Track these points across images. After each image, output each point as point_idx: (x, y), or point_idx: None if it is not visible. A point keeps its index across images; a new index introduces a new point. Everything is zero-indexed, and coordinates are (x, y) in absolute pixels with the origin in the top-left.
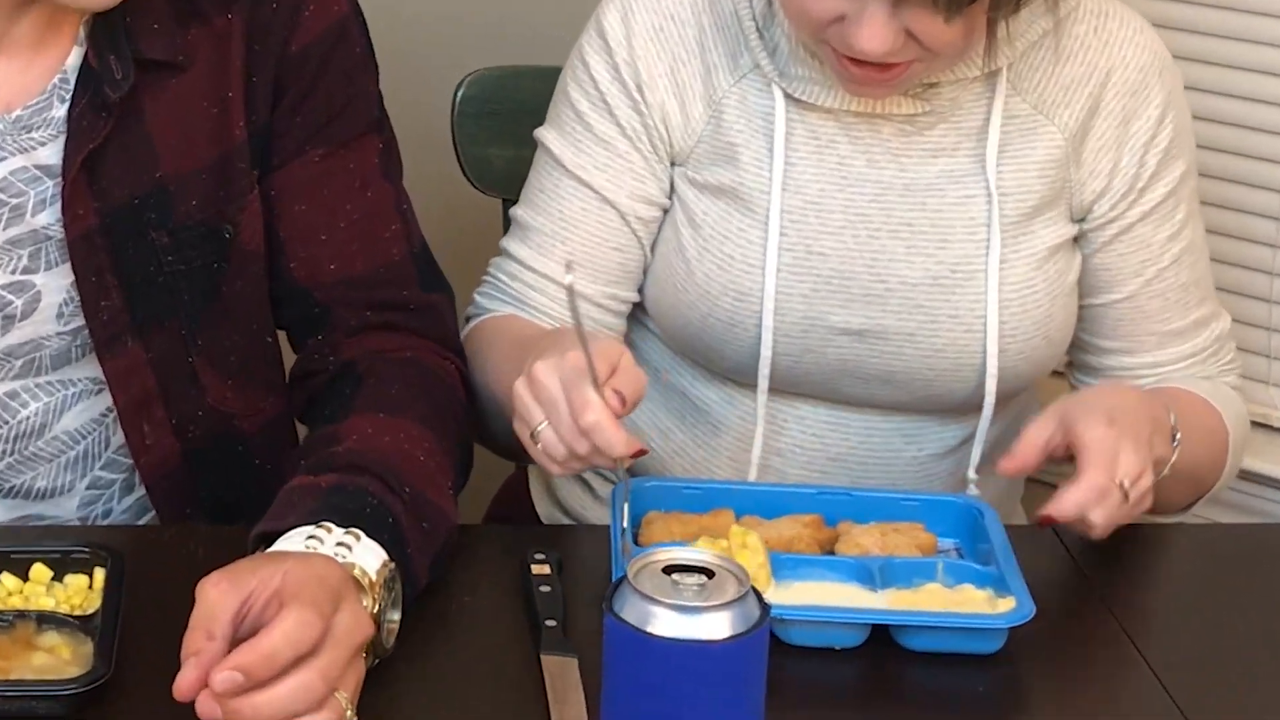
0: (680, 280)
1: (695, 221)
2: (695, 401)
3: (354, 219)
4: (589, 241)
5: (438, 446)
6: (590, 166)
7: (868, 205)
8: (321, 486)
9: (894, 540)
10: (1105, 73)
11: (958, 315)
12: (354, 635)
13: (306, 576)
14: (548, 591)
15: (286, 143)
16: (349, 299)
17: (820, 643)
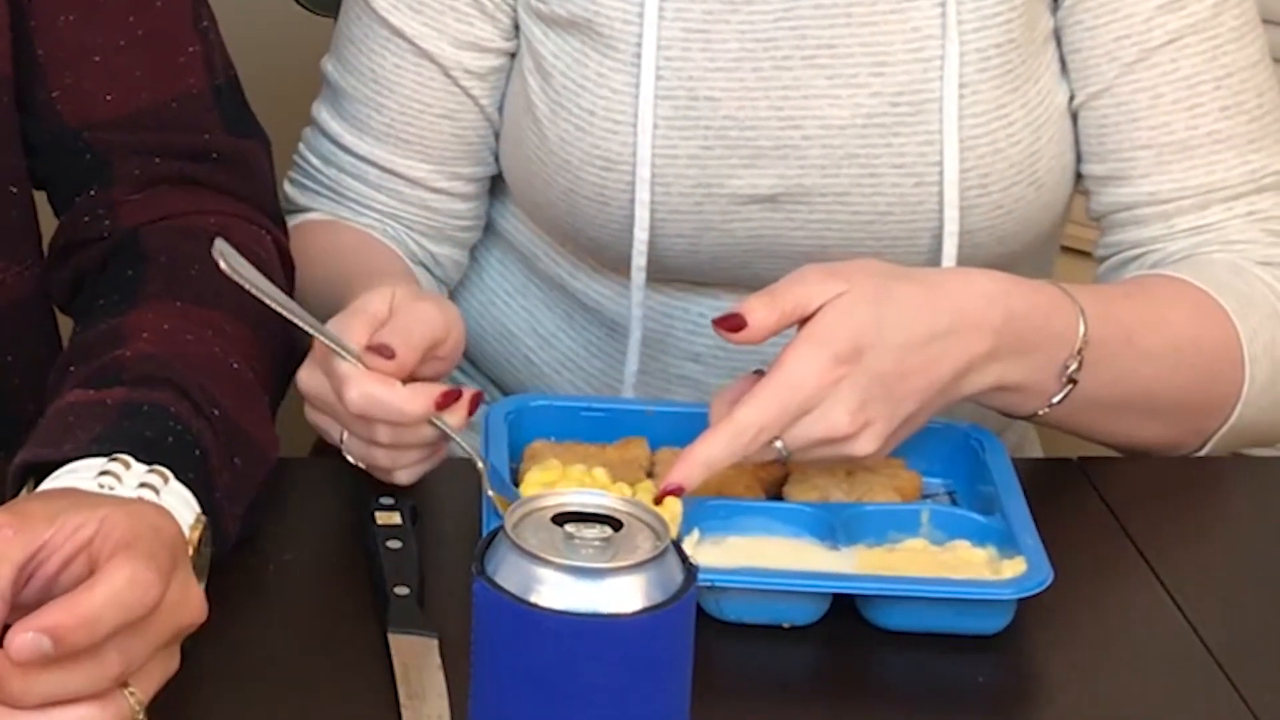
0: (532, 148)
1: (544, 69)
2: (580, 297)
3: (137, 34)
4: (411, 109)
5: (254, 348)
6: (405, 8)
7: (772, 26)
8: (107, 404)
9: (864, 481)
10: None
11: (904, 163)
12: (181, 614)
13: (136, 526)
14: (398, 549)
15: None
16: (131, 143)
17: (765, 619)
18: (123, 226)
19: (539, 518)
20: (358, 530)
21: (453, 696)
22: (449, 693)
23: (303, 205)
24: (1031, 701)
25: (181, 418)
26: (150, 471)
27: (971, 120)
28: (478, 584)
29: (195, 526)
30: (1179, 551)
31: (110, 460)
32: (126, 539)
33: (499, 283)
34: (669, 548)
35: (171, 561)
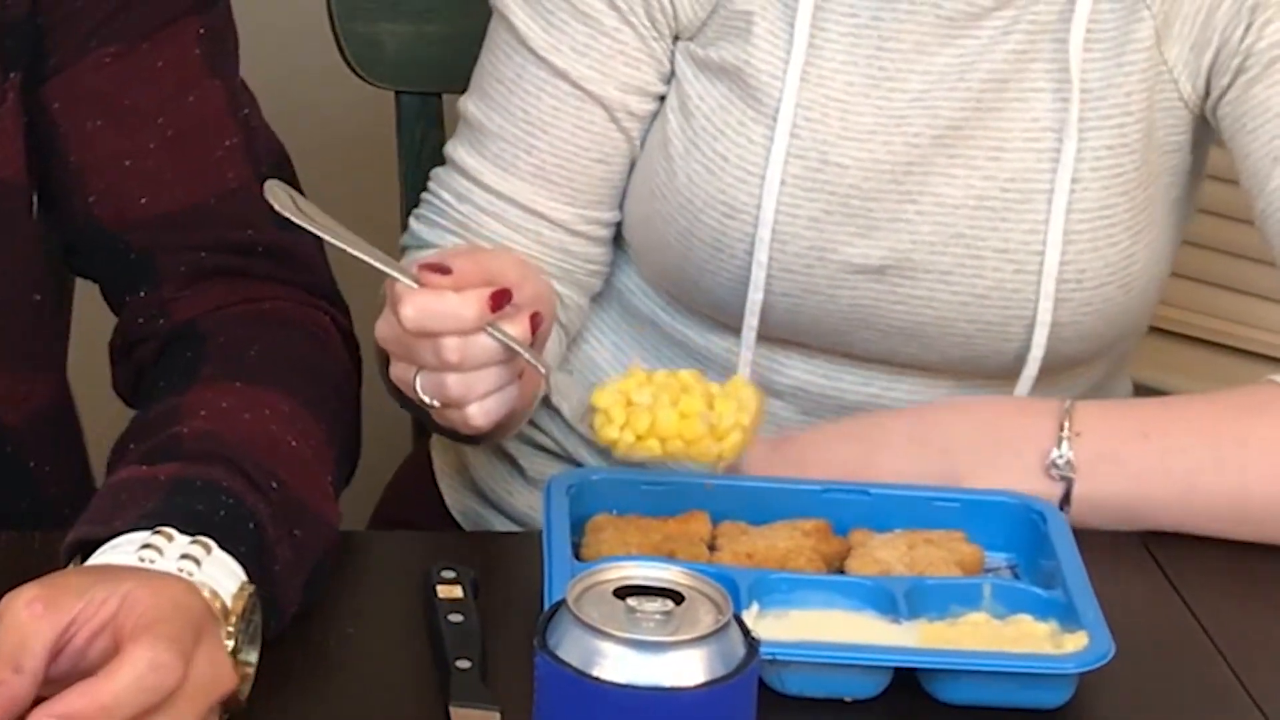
0: (660, 184)
1: (688, 107)
2: (671, 334)
3: (169, 136)
4: (565, 151)
5: (314, 426)
6: (568, 49)
7: (908, 105)
8: (159, 480)
9: (925, 555)
10: None
11: (1007, 248)
12: (212, 688)
13: (159, 603)
14: (460, 622)
15: (64, 41)
16: (173, 242)
17: (826, 692)
18: (176, 319)
19: (601, 591)
20: (420, 603)
21: None
22: None
23: (429, 241)
24: None
25: (234, 492)
26: (193, 543)
27: (1077, 215)
28: (540, 657)
29: (239, 595)
30: (1244, 629)
31: (153, 534)
32: (149, 619)
33: (591, 318)
34: (731, 621)
35: (195, 639)
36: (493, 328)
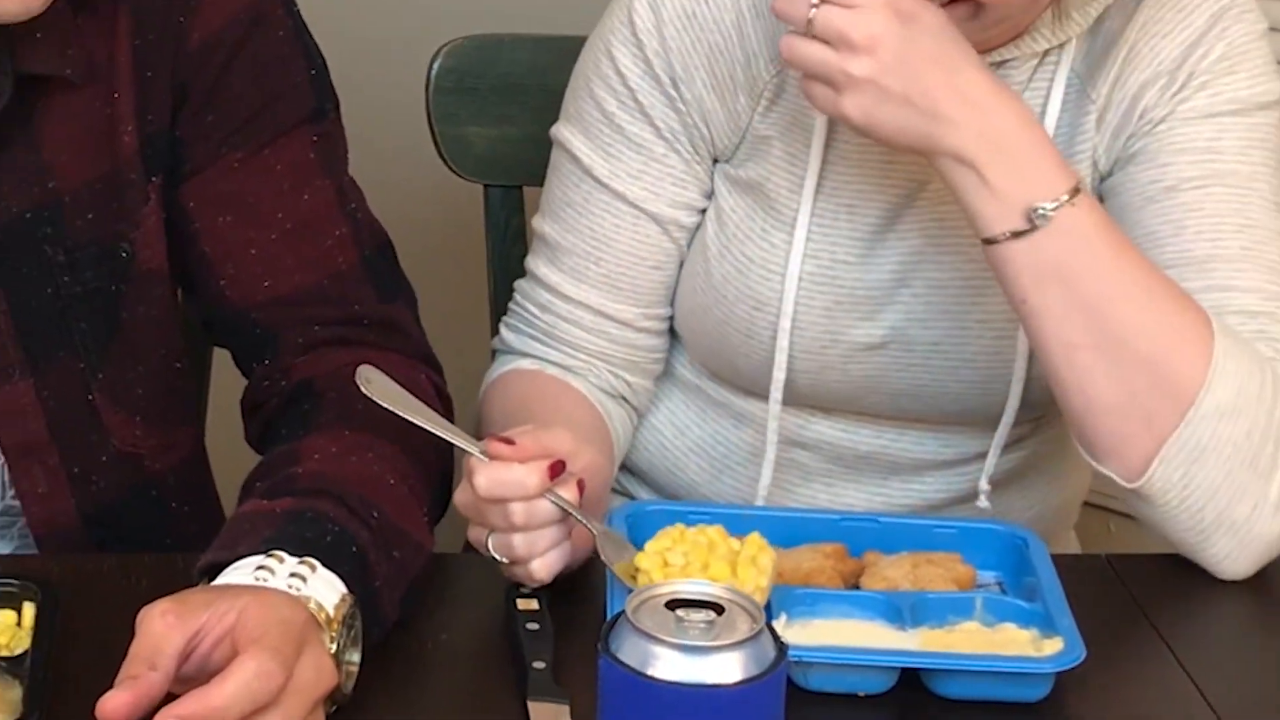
0: (699, 280)
1: (723, 218)
2: (713, 395)
3: (287, 228)
4: (626, 260)
5: (410, 468)
6: (625, 175)
7: (908, 202)
8: (276, 512)
9: (927, 573)
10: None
11: (987, 319)
12: (316, 687)
13: (267, 618)
14: (536, 630)
15: (198, 149)
16: (293, 318)
17: (843, 688)
18: (295, 380)
19: (654, 604)
20: (502, 614)
21: None
22: None
23: (517, 349)
24: None
25: (339, 521)
26: (300, 563)
27: None
28: (603, 659)
29: (340, 606)
30: (1196, 636)
31: (267, 556)
32: (258, 632)
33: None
34: (764, 629)
35: (297, 648)
36: (551, 493)
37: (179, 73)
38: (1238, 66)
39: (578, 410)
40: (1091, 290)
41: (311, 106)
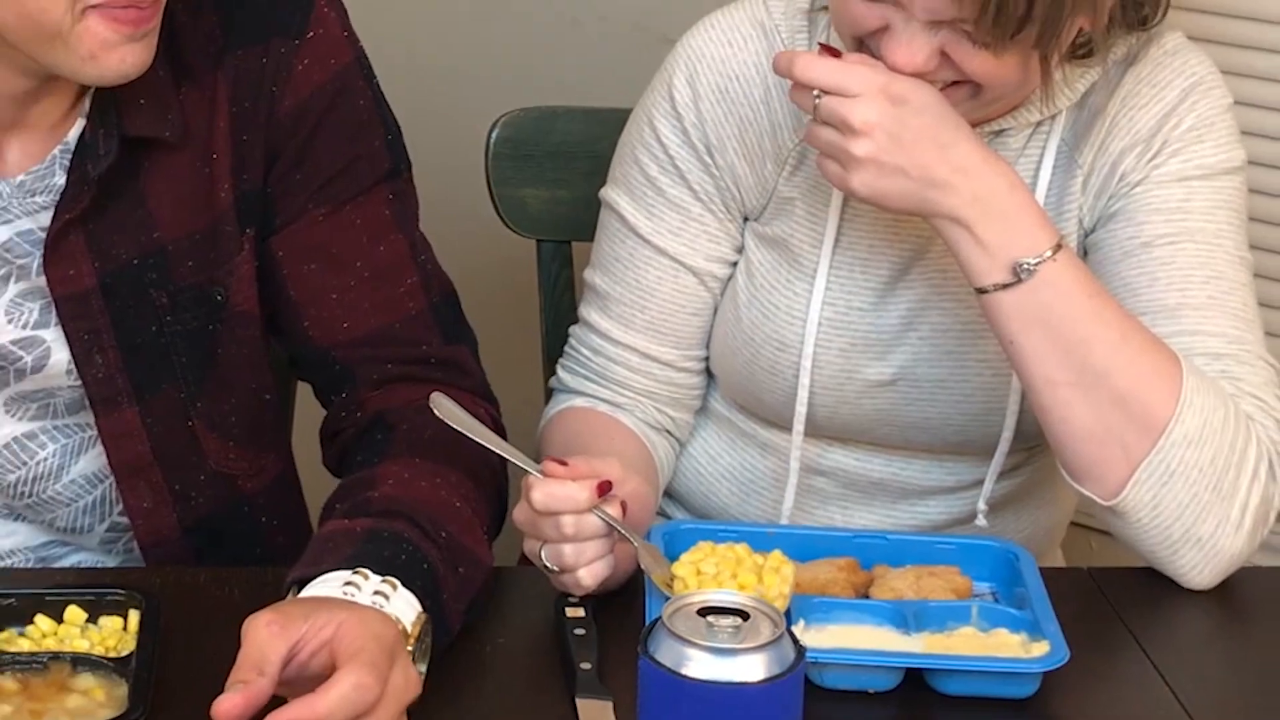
0: (730, 325)
1: (751, 270)
2: (743, 428)
3: (365, 276)
4: (667, 308)
5: (473, 492)
6: (665, 232)
7: (915, 258)
8: (356, 531)
9: (929, 584)
10: (1123, 97)
11: (986, 359)
12: (404, 696)
13: (363, 634)
14: (582, 634)
15: (287, 204)
16: (367, 356)
17: (854, 686)
18: (369, 412)
19: (687, 611)
20: (552, 621)
21: None
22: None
23: (572, 387)
24: None
25: (413, 541)
26: (383, 582)
27: None
28: (642, 660)
29: (416, 623)
30: (1166, 638)
31: (353, 573)
32: (356, 646)
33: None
34: (784, 633)
35: (389, 661)
36: (599, 509)
37: (271, 137)
38: (1205, 136)
39: (627, 443)
40: (1071, 333)
41: (387, 168)
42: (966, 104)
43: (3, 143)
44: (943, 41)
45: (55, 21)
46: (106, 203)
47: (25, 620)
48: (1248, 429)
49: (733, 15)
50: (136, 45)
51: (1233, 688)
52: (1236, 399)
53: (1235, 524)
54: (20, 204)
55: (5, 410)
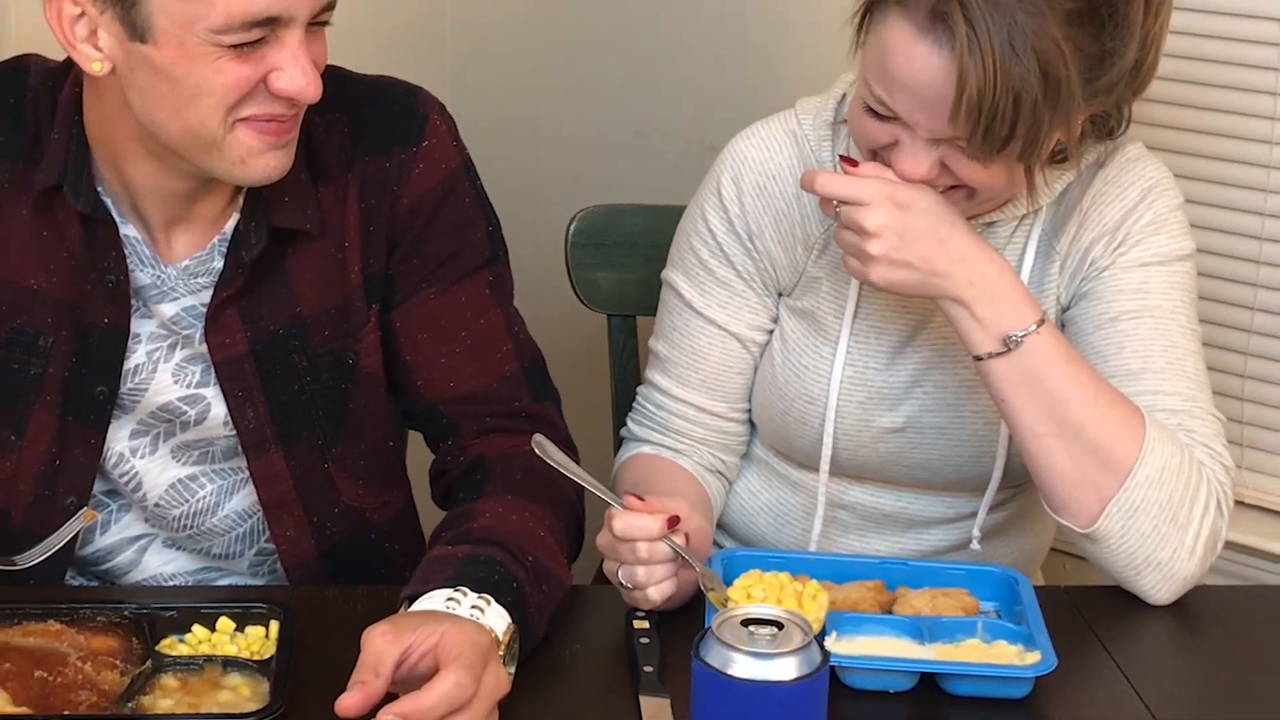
0: (767, 382)
1: (785, 336)
2: (776, 468)
3: (468, 344)
4: (716, 369)
5: (555, 524)
6: (715, 306)
7: (920, 327)
8: (458, 556)
9: (942, 603)
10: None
11: (980, 411)
12: (496, 692)
13: (462, 641)
14: (646, 643)
15: (404, 284)
16: (469, 411)
17: (878, 687)
18: (470, 457)
19: (732, 622)
20: (621, 631)
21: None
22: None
23: (640, 437)
24: None
25: (504, 564)
26: (479, 598)
27: None
28: (695, 663)
29: (506, 632)
30: (1133, 648)
31: (455, 590)
32: (455, 652)
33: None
34: (812, 640)
35: (483, 664)
36: (667, 538)
37: (392, 229)
38: (1161, 229)
39: (688, 484)
40: (1052, 393)
41: (487, 255)
42: (963, 204)
43: (170, 234)
44: (942, 154)
45: (211, 132)
46: (257, 283)
47: (184, 629)
48: (1199, 472)
49: (770, 125)
50: (279, 152)
51: (1186, 687)
52: (1191, 447)
53: (1189, 550)
54: (185, 284)
55: (171, 456)
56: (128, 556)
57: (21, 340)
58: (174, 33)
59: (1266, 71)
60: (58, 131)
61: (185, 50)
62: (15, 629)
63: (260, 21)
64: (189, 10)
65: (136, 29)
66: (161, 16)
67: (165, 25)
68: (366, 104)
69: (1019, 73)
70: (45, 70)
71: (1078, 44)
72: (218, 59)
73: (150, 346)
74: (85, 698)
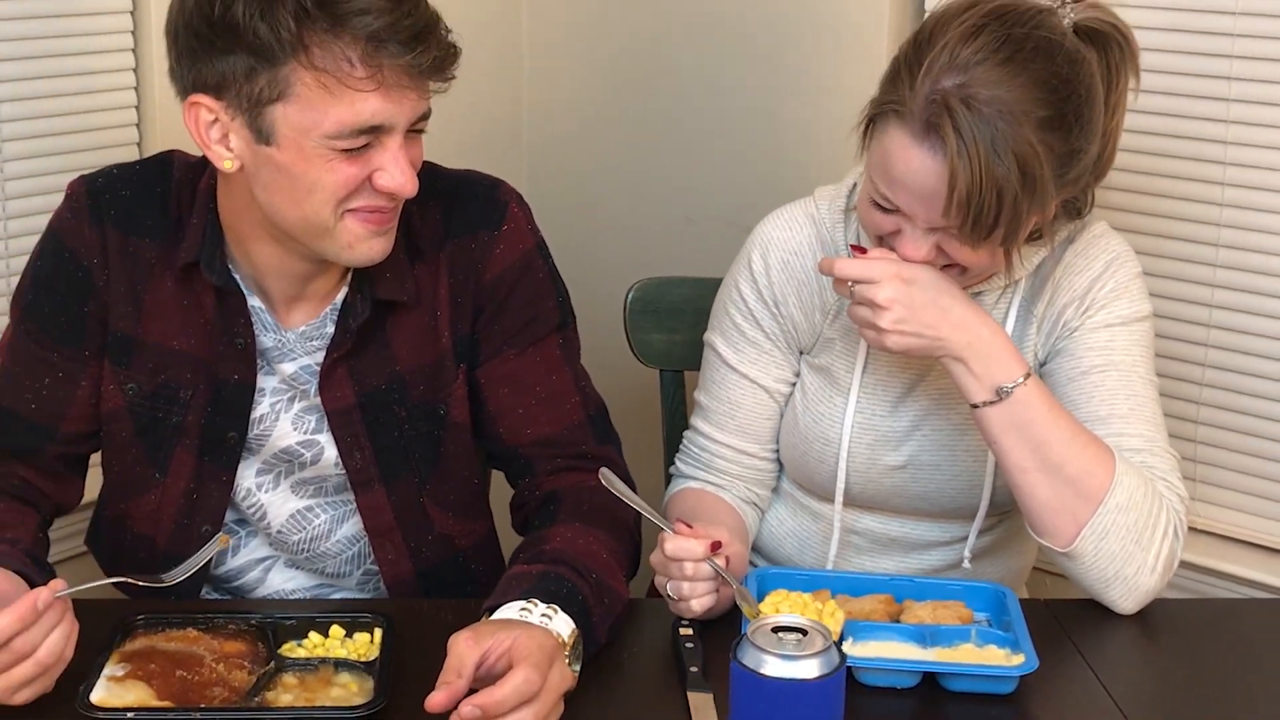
0: (790, 427)
1: (805, 388)
2: (799, 500)
3: (542, 397)
4: (749, 416)
5: (615, 547)
6: (747, 363)
7: (918, 380)
8: (533, 573)
9: (943, 614)
10: (1064, 267)
11: (970, 450)
12: (561, 686)
13: (532, 644)
14: (691, 647)
15: (487, 347)
16: (543, 453)
17: (887, 684)
18: (545, 491)
19: (765, 629)
20: (670, 637)
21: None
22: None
23: (686, 474)
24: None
25: (571, 581)
26: (549, 608)
27: None
28: (733, 664)
29: (571, 637)
30: (1100, 650)
31: (527, 602)
32: (526, 652)
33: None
34: (831, 645)
35: (549, 663)
36: (710, 560)
37: (477, 300)
38: (1122, 295)
39: (728, 515)
40: (1036, 435)
41: (558, 321)
42: (958, 279)
43: (291, 308)
44: (938, 240)
45: (324, 221)
46: (363, 345)
47: (302, 636)
48: (1160, 502)
49: (792, 210)
50: (381, 239)
51: (1147, 684)
52: (1152, 480)
53: (1151, 568)
54: (302, 347)
55: (290, 491)
56: (254, 575)
57: (166, 393)
58: (293, 138)
59: (1213, 165)
60: (196, 216)
61: (303, 153)
62: (159, 635)
63: (366, 129)
64: (307, 119)
65: (262, 134)
66: (283, 124)
67: (286, 131)
68: (455, 194)
69: (1001, 173)
70: (186, 164)
71: (1050, 145)
72: (330, 160)
73: (273, 399)
74: (218, 694)
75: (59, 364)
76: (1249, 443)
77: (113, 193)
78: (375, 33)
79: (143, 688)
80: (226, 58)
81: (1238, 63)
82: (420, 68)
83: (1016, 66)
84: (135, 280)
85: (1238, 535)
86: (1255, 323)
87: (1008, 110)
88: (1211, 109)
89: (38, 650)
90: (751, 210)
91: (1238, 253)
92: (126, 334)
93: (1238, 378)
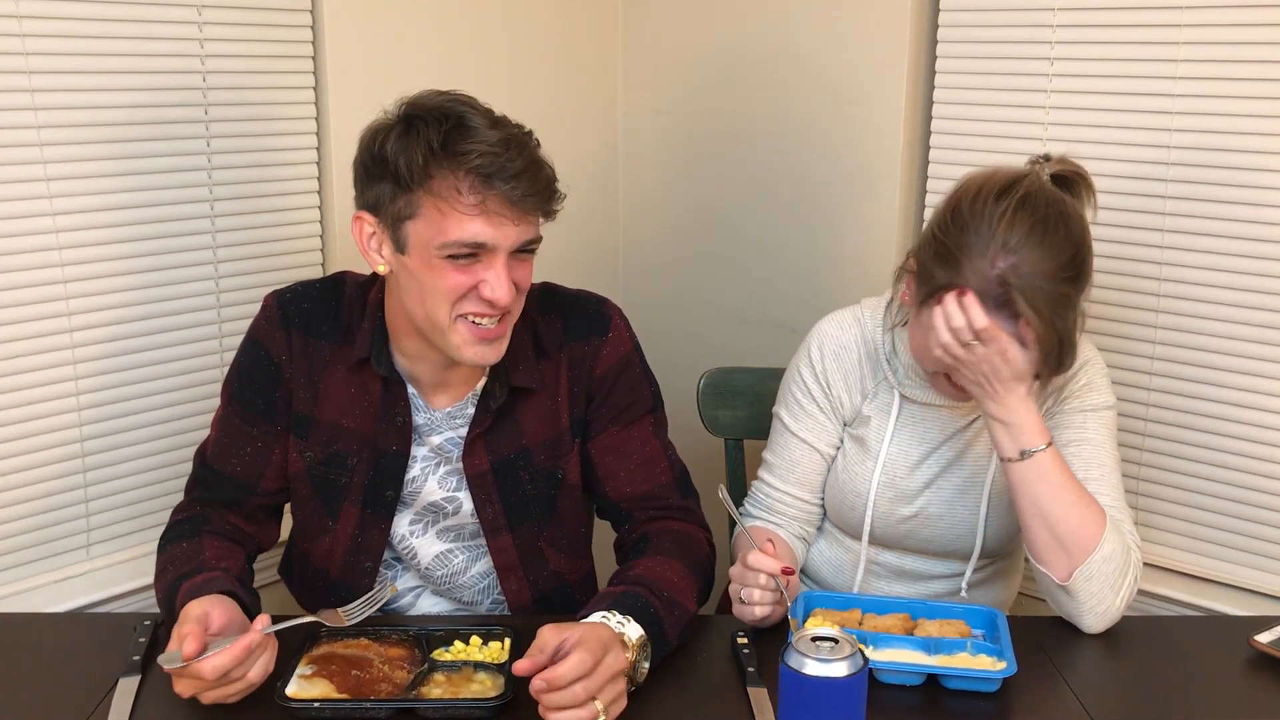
0: (832, 481)
1: (845, 452)
2: (837, 537)
3: (638, 462)
4: (805, 472)
5: (689, 575)
6: (804, 430)
7: (931, 452)
8: (615, 593)
9: (947, 629)
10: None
11: (967, 506)
12: (613, 668)
13: (590, 635)
14: (748, 652)
15: (596, 425)
16: (639, 506)
17: (898, 681)
18: (639, 534)
19: (805, 637)
20: (729, 645)
21: (774, 715)
22: (772, 714)
23: (754, 515)
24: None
25: (644, 597)
26: (624, 617)
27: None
28: (781, 666)
29: (638, 640)
30: (1069, 659)
31: (607, 611)
32: (584, 641)
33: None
34: (857, 650)
35: (603, 650)
36: (777, 579)
37: (589, 389)
38: (1093, 389)
39: (784, 548)
40: (1048, 492)
41: (650, 405)
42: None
43: (437, 392)
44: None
45: (441, 322)
46: (497, 423)
47: (449, 643)
48: (1129, 554)
49: (843, 313)
50: (487, 347)
51: (1108, 688)
52: (1125, 537)
53: (1118, 607)
54: (448, 424)
55: (436, 536)
56: (408, 600)
57: (337, 460)
58: (420, 249)
59: (1147, 296)
60: (367, 322)
61: (426, 261)
62: (338, 644)
63: (471, 245)
64: (428, 234)
65: (400, 245)
66: (414, 237)
67: (415, 243)
68: (572, 308)
69: (1061, 325)
70: (355, 282)
71: (1079, 289)
72: (445, 269)
73: (423, 464)
74: (384, 688)
75: (258, 436)
76: (1184, 495)
77: (297, 304)
78: (481, 169)
79: (326, 684)
80: (380, 184)
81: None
82: (515, 199)
83: (1049, 245)
84: (314, 372)
85: (1176, 568)
86: (1191, 403)
87: (1050, 277)
88: (1149, 220)
89: (249, 674)
90: (794, 315)
91: (1174, 335)
92: (305, 414)
93: (1175, 445)
